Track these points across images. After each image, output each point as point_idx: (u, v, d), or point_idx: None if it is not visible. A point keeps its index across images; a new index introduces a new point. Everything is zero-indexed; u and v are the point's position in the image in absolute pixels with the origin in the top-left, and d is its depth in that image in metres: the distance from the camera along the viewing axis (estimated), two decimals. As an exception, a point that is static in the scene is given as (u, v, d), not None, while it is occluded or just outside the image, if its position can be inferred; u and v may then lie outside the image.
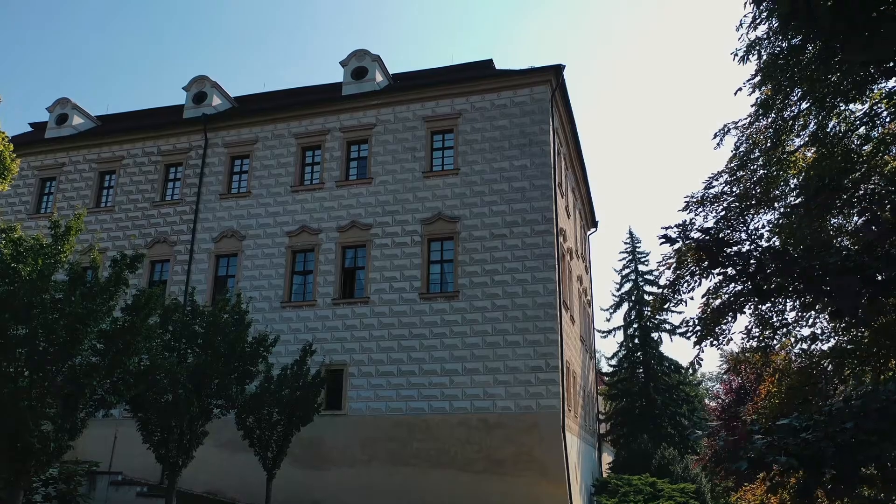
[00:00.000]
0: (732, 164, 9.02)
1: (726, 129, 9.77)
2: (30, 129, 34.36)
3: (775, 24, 9.65)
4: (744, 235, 7.28)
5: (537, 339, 21.53)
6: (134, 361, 11.28)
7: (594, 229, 37.71)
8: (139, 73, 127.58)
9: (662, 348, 37.60)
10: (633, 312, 38.73)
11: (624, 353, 38.76)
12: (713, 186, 8.36)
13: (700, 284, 7.43)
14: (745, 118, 9.15)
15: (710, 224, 7.58)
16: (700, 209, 8.05)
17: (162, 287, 14.02)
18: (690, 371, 27.89)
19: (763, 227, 8.14)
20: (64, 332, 10.49)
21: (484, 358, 21.78)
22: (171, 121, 28.94)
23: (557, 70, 23.83)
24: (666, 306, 8.83)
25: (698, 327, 7.43)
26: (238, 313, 15.86)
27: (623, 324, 39.17)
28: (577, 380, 26.66)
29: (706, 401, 42.89)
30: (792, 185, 9.99)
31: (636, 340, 38.11)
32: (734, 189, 8.30)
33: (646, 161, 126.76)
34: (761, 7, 8.84)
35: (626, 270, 40.10)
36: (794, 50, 9.20)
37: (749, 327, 8.29)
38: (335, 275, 24.27)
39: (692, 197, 8.19)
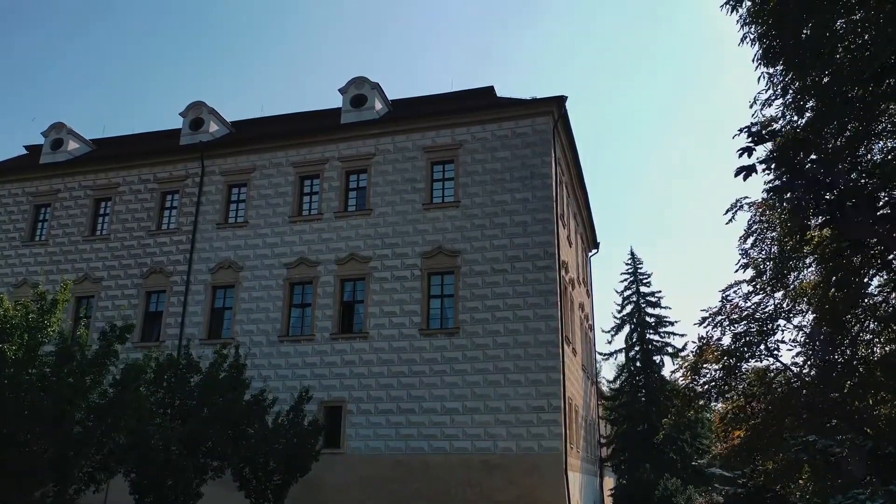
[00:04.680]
0: (747, 245, 8.72)
1: (739, 205, 9.50)
2: (25, 151, 33.92)
3: (790, 99, 9.37)
4: (763, 349, 6.99)
5: (539, 379, 21.14)
6: (123, 436, 10.89)
7: (595, 251, 37.32)
8: (136, 93, 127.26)
9: (665, 371, 37.16)
10: (635, 335, 38.35)
11: (625, 376, 38.38)
12: (730, 299, 8.09)
13: (718, 400, 7.14)
14: (758, 200, 8.85)
15: (727, 341, 7.31)
16: (717, 326, 7.78)
17: (149, 358, 13.43)
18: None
19: (783, 341, 7.87)
20: (52, 408, 10.10)
21: (485, 397, 21.40)
22: (168, 148, 28.55)
23: (560, 101, 23.47)
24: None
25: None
26: (236, 368, 15.45)
27: (625, 346, 38.80)
28: (579, 412, 26.27)
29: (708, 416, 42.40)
30: (808, 262, 9.69)
31: (638, 363, 37.73)
32: (751, 287, 8.03)
33: (647, 172, 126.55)
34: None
35: (628, 292, 39.71)
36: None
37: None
38: (334, 308, 23.88)
39: (708, 310, 7.92)
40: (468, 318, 22.35)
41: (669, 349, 37.13)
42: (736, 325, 7.74)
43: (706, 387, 7.78)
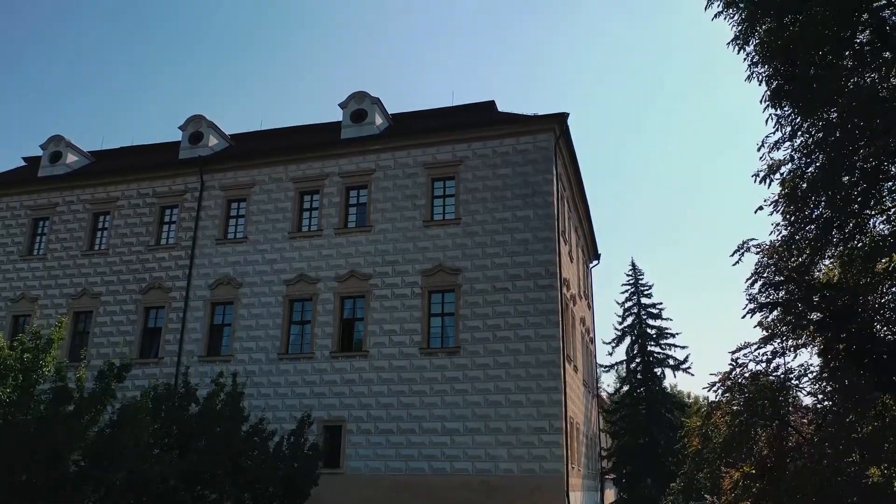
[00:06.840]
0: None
1: (746, 247, 9.40)
2: (23, 163, 33.75)
3: (798, 142, 9.22)
4: (775, 415, 6.86)
5: (541, 399, 20.97)
6: (120, 475, 10.72)
7: (596, 262, 37.12)
8: (135, 104, 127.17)
9: (666, 383, 37.04)
10: (636, 347, 38.18)
11: (626, 388, 38.21)
12: (740, 363, 7.96)
13: (727, 466, 7.00)
14: (767, 243, 8.76)
15: (737, 408, 7.18)
16: (727, 391, 7.65)
17: (147, 394, 13.26)
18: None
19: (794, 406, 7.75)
20: (47, 449, 9.94)
21: (486, 417, 21.23)
22: (167, 162, 28.35)
23: (561, 118, 23.32)
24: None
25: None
26: (234, 398, 15.24)
27: (626, 358, 38.64)
28: (580, 429, 26.11)
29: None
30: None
31: (639, 375, 37.57)
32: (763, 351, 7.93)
33: (648, 176, 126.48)
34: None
35: (629, 304, 39.53)
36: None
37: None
38: (333, 326, 23.70)
39: (717, 374, 7.81)
40: (469, 337, 22.18)
41: (671, 361, 36.99)
42: (746, 391, 7.61)
43: (714, 453, 7.68)
